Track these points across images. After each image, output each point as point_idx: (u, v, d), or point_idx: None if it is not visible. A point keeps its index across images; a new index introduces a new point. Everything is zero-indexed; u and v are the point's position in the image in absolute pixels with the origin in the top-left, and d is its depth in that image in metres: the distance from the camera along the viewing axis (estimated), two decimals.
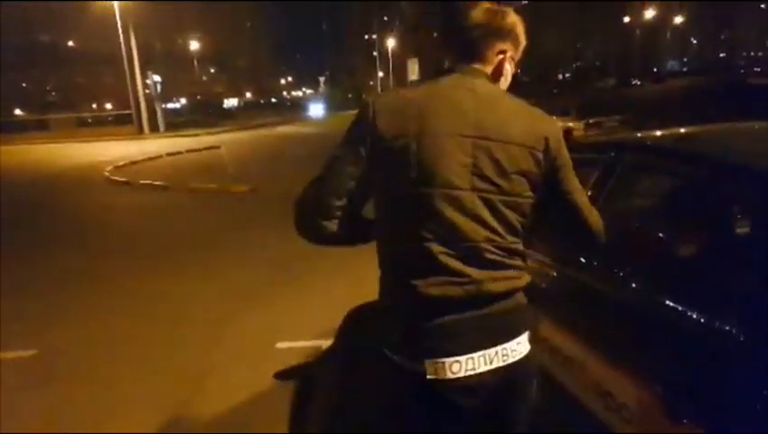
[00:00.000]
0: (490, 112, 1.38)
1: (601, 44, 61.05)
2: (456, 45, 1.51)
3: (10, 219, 10.43)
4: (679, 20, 61.03)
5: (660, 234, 2.08)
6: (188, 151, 20.96)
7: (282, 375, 3.58)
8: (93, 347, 4.39)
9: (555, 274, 2.18)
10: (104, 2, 33.88)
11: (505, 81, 1.55)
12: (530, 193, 1.39)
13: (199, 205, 10.67)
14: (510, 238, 1.38)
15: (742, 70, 54.01)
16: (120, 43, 33.43)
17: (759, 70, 48.49)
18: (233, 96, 75.67)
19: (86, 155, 22.98)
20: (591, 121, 15.17)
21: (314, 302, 4.95)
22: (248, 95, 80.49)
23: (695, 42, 63.94)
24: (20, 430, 3.23)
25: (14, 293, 5.86)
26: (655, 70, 61.12)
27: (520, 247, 1.42)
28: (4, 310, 5.35)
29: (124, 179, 14.19)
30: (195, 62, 61.24)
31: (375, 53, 54.63)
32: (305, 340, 4.11)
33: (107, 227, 9.43)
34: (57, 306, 5.39)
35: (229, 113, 56.19)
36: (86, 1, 36.47)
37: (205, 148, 21.61)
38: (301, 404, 2.34)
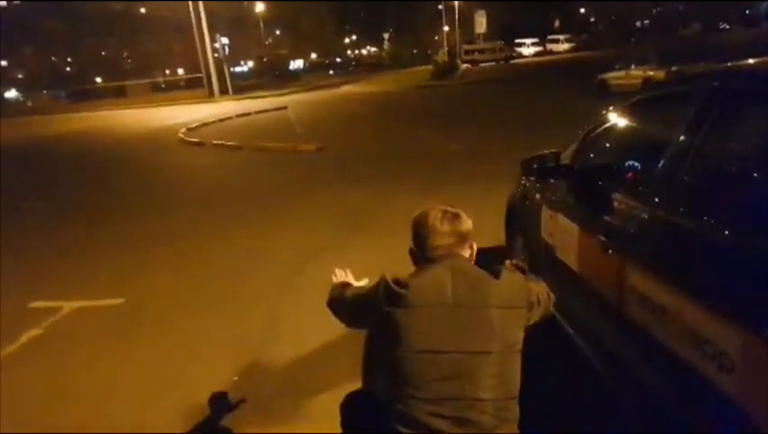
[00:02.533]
0: (468, 283, 1.57)
1: None
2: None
3: (94, 182, 11.04)
4: None
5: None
6: (256, 112, 21.36)
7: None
8: (173, 299, 4.59)
9: (644, 216, 2.02)
10: None
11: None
12: (518, 346, 1.58)
13: (269, 163, 10.86)
14: (499, 394, 1.52)
15: None
16: (189, 9, 34.09)
17: None
18: (298, 57, 76.07)
19: (160, 118, 23.89)
20: (674, 69, 14.09)
21: (383, 254, 4.93)
22: (313, 56, 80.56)
23: None
24: (110, 379, 3.43)
25: (100, 250, 6.22)
26: (747, 12, 55.39)
27: (513, 411, 1.56)
28: (94, 264, 5.69)
29: (197, 140, 14.65)
30: (261, 25, 61.69)
31: (440, 7, 52.99)
32: None
33: (182, 186, 9.79)
34: (139, 261, 5.66)
35: (295, 74, 56.75)
36: None
37: (273, 109, 21.95)
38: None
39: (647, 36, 50.71)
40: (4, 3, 56.95)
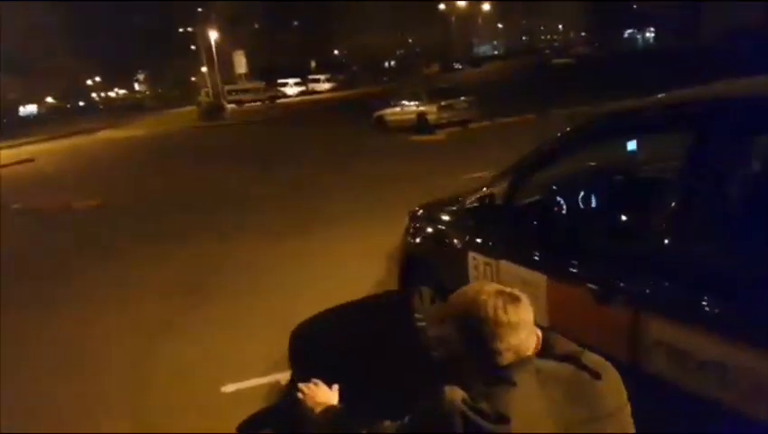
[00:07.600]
0: (569, 394, 1.19)
1: (420, 32, 64.07)
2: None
3: None
4: (486, 7, 66.17)
5: None
6: None
7: (247, 428, 2.87)
8: None
9: (656, 260, 1.87)
10: None
11: None
12: None
13: (42, 226, 8.94)
14: None
15: (547, 52, 60.59)
16: None
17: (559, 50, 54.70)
18: (30, 102, 67.49)
19: None
20: (443, 104, 15.56)
21: (247, 331, 4.20)
22: (50, 99, 71.63)
23: (501, 26, 70.28)
24: None
25: None
26: (471, 54, 66.24)
27: None
28: None
29: None
30: None
31: (193, 47, 51.21)
32: (257, 377, 3.42)
33: None
34: None
35: (28, 121, 50.24)
36: None
37: (16, 163, 18.58)
38: None
39: (395, 75, 56.22)
40: None
